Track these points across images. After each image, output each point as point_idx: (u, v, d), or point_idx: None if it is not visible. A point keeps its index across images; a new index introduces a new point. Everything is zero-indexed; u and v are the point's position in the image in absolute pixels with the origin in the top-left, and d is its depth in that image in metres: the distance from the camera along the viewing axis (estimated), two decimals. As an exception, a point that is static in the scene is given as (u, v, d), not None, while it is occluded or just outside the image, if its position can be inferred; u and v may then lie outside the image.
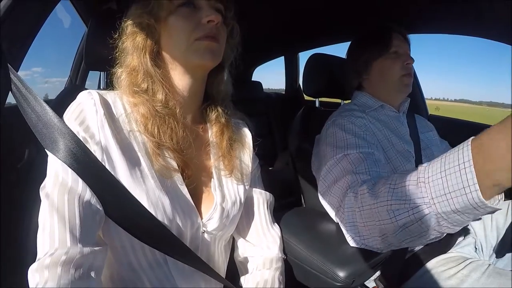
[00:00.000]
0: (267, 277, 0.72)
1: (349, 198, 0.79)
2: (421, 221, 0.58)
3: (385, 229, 0.66)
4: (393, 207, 0.63)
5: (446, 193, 0.52)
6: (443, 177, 0.53)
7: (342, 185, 0.86)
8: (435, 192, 0.55)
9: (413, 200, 0.59)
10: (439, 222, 0.56)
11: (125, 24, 0.65)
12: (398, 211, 0.62)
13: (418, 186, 0.58)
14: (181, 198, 0.63)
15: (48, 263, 0.47)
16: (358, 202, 0.75)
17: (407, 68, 1.08)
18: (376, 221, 0.68)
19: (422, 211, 0.57)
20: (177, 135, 0.63)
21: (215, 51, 0.64)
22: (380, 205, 0.66)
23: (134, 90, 0.63)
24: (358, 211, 0.74)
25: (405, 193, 0.61)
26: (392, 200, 0.63)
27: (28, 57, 0.72)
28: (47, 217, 0.51)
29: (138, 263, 0.61)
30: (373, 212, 0.69)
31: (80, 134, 0.55)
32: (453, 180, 0.51)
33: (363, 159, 0.88)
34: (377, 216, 0.67)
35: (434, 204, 0.55)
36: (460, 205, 0.51)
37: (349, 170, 0.87)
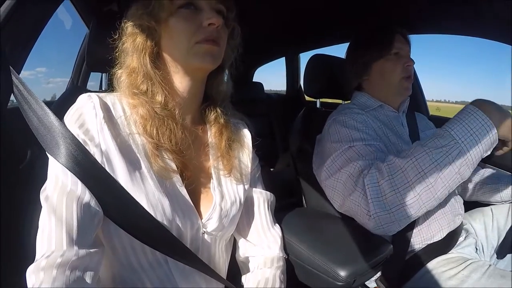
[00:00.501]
0: (268, 276, 0.72)
1: (371, 175, 0.81)
2: (454, 162, 0.72)
3: (426, 179, 0.74)
4: (434, 153, 0.73)
5: (469, 131, 0.71)
6: (462, 123, 0.73)
7: (350, 170, 0.87)
8: (460, 133, 0.72)
9: (446, 146, 0.73)
10: (465, 160, 0.71)
11: (125, 25, 0.65)
12: (438, 155, 0.73)
13: (445, 134, 0.74)
14: (180, 199, 0.63)
15: (44, 265, 0.47)
16: (384, 173, 0.79)
17: (408, 70, 1.08)
18: (414, 176, 0.75)
19: (455, 150, 0.72)
20: (176, 136, 0.63)
21: (215, 55, 0.64)
22: (419, 157, 0.75)
23: (134, 92, 0.63)
24: (387, 180, 0.78)
25: (435, 144, 0.74)
26: (430, 149, 0.74)
27: (32, 57, 0.72)
28: (46, 219, 0.51)
29: (139, 263, 0.62)
30: (409, 169, 0.76)
31: (80, 137, 0.56)
32: (472, 122, 0.72)
33: (371, 150, 0.89)
34: (417, 169, 0.75)
35: (462, 142, 0.71)
36: (482, 137, 0.71)
37: (356, 158, 0.88)
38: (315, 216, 0.99)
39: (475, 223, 1.11)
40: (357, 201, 0.83)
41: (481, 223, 1.10)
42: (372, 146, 0.91)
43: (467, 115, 0.73)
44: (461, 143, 0.71)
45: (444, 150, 0.72)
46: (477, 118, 0.72)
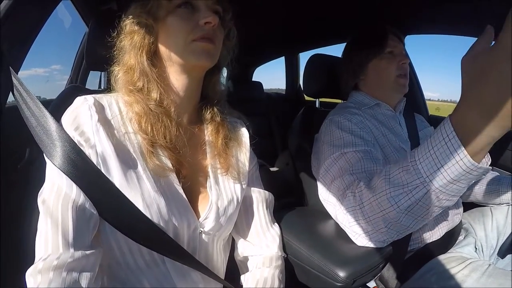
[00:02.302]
0: (266, 275, 0.72)
1: (348, 199, 0.80)
2: (421, 201, 0.61)
3: (389, 218, 0.68)
4: (392, 195, 0.65)
5: (439, 168, 0.56)
6: (432, 154, 0.56)
7: (339, 185, 0.87)
8: (428, 170, 0.58)
9: (409, 183, 0.61)
10: (438, 197, 0.59)
11: (123, 23, 0.66)
12: (398, 197, 0.64)
13: (411, 169, 0.61)
14: (176, 198, 0.63)
15: (41, 267, 0.48)
16: (357, 200, 0.76)
17: (403, 68, 1.09)
18: (378, 212, 0.70)
19: (420, 190, 0.60)
20: (170, 133, 0.63)
21: (211, 53, 0.65)
22: (379, 196, 0.69)
23: (130, 89, 0.64)
24: (359, 209, 0.76)
25: (400, 179, 0.64)
26: (390, 188, 0.66)
27: (48, 55, 0.73)
28: (43, 223, 0.52)
29: (136, 263, 0.62)
30: (373, 205, 0.71)
31: (76, 139, 0.56)
32: (442, 154, 0.55)
33: (359, 158, 0.89)
34: (378, 208, 0.69)
35: (430, 181, 0.58)
36: (454, 174, 0.54)
37: (346, 169, 0.88)
38: (315, 216, 0.99)
39: (474, 222, 1.11)
40: (342, 220, 0.83)
41: (480, 223, 1.10)
42: (362, 151, 0.91)
43: (437, 140, 0.55)
44: (428, 182, 0.58)
45: (406, 190, 0.62)
46: (448, 145, 0.53)
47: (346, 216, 0.80)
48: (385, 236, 0.74)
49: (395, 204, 0.65)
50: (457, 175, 0.54)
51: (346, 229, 0.82)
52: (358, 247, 0.80)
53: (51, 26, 0.77)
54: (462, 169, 0.53)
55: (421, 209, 0.63)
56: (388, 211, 0.67)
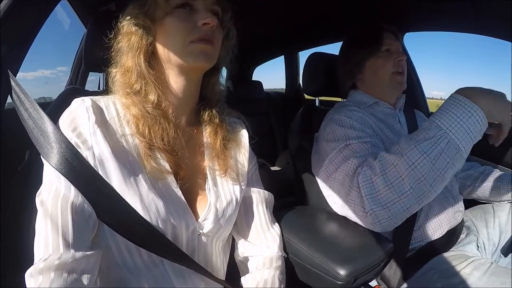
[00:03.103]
0: (267, 277, 0.72)
1: (364, 173, 0.81)
2: (444, 151, 0.70)
3: (418, 172, 0.73)
4: (421, 145, 0.72)
5: (456, 119, 0.70)
6: (448, 112, 0.71)
7: (346, 168, 0.87)
8: (447, 123, 0.70)
9: (434, 136, 0.71)
10: (457, 148, 0.70)
11: (121, 24, 0.66)
12: (426, 147, 0.72)
13: (432, 127, 0.73)
14: (175, 200, 0.63)
15: (42, 267, 0.48)
16: (377, 170, 0.79)
17: (399, 65, 1.09)
18: (406, 169, 0.74)
19: (444, 140, 0.70)
20: (168, 135, 0.63)
21: (209, 54, 0.64)
22: (408, 151, 0.74)
23: (127, 92, 0.63)
24: (380, 177, 0.77)
25: (424, 136, 0.73)
26: (417, 143, 0.73)
27: (54, 57, 0.73)
28: (42, 224, 0.52)
29: (134, 264, 0.62)
30: (400, 165, 0.75)
31: (73, 140, 0.56)
32: (457, 110, 0.70)
33: (366, 147, 0.89)
34: (407, 163, 0.74)
35: (450, 131, 0.70)
36: (469, 123, 0.69)
37: (352, 156, 0.88)
38: (315, 215, 0.99)
39: (476, 220, 1.10)
40: (354, 200, 0.84)
41: (482, 220, 1.09)
42: (368, 143, 0.91)
43: (452, 104, 0.71)
44: (448, 132, 0.70)
45: (432, 141, 0.71)
46: (462, 105, 0.70)
47: (359, 194, 0.81)
48: (405, 205, 0.76)
49: (424, 154, 0.72)
50: (471, 125, 0.69)
51: (356, 210, 0.83)
52: (359, 246, 0.80)
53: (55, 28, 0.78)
54: (475, 118, 0.68)
55: (444, 162, 0.71)
56: (418, 163, 0.72)
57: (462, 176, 1.22)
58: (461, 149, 0.70)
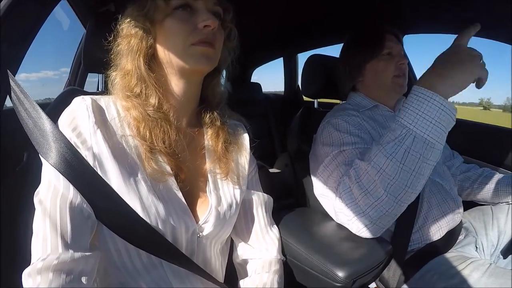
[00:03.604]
0: (265, 281, 0.71)
1: (344, 182, 0.82)
2: (412, 149, 0.69)
3: (387, 175, 0.72)
4: (386, 148, 0.72)
5: (418, 114, 0.68)
6: (410, 107, 0.70)
7: (336, 176, 0.88)
8: (409, 119, 0.69)
9: (398, 136, 0.70)
10: (425, 142, 0.68)
11: (120, 27, 0.65)
12: (390, 149, 0.71)
13: (395, 126, 0.72)
14: (175, 202, 0.63)
15: (40, 267, 0.47)
16: (353, 178, 0.80)
17: (400, 68, 1.09)
18: (375, 175, 0.74)
19: (408, 137, 0.69)
20: (169, 138, 0.62)
21: (210, 57, 0.63)
22: (374, 157, 0.75)
23: (127, 95, 0.63)
24: (355, 184, 0.78)
25: (389, 137, 0.72)
26: (383, 145, 0.73)
27: (58, 58, 0.72)
28: (40, 223, 0.51)
29: (133, 266, 0.61)
30: (370, 171, 0.75)
31: (72, 140, 0.56)
32: (418, 105, 0.68)
33: (357, 154, 0.89)
34: (375, 169, 0.74)
35: (414, 127, 0.68)
36: (431, 112, 0.66)
37: (343, 163, 0.89)
38: (314, 217, 0.99)
39: (474, 221, 1.11)
40: (340, 208, 0.84)
41: (481, 222, 1.09)
42: (361, 149, 0.91)
43: (412, 98, 0.70)
44: (413, 128, 0.68)
45: (396, 141, 0.70)
46: (420, 96, 0.68)
47: (342, 202, 0.81)
48: (383, 209, 0.75)
49: (390, 156, 0.71)
50: (433, 113, 0.66)
51: (344, 218, 0.84)
52: (358, 248, 0.79)
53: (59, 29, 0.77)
54: (436, 106, 0.66)
55: (414, 159, 0.69)
56: (385, 166, 0.72)
57: (461, 178, 1.22)
58: (431, 141, 0.67)
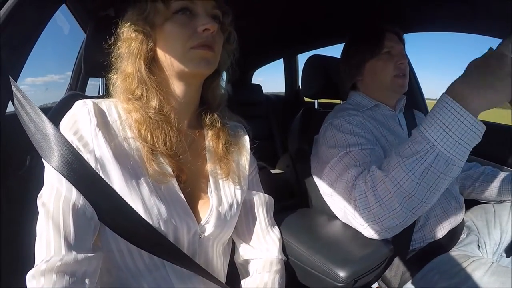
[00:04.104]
0: (266, 280, 0.72)
1: (359, 187, 0.81)
2: (433, 166, 0.66)
3: (404, 190, 0.70)
4: (406, 163, 0.69)
5: (445, 130, 0.63)
6: (437, 120, 0.65)
7: (347, 178, 0.87)
8: (435, 134, 0.65)
9: (420, 151, 0.67)
10: (447, 161, 0.65)
11: (120, 30, 0.65)
12: (411, 164, 0.68)
13: (419, 138, 0.68)
14: (177, 203, 0.63)
15: (44, 269, 0.48)
16: (369, 185, 0.78)
17: (400, 68, 1.08)
18: (393, 188, 0.72)
19: (431, 154, 0.65)
20: (171, 140, 0.63)
21: (210, 60, 0.64)
22: (393, 169, 0.72)
23: (128, 97, 0.63)
24: (371, 193, 0.77)
25: (411, 150, 0.69)
26: (403, 159, 0.70)
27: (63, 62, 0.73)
28: (44, 225, 0.52)
29: (136, 266, 0.62)
30: (387, 182, 0.73)
31: (74, 143, 0.56)
32: (447, 119, 0.63)
33: (366, 155, 0.89)
34: (392, 182, 0.72)
35: (439, 144, 0.64)
36: (459, 131, 0.62)
37: (352, 164, 0.88)
38: (315, 217, 0.99)
39: (477, 220, 1.10)
40: (352, 211, 0.84)
41: (483, 220, 1.09)
42: (368, 150, 0.91)
43: (440, 110, 0.65)
44: (437, 144, 0.64)
45: (418, 157, 0.67)
46: (450, 110, 0.63)
47: (357, 205, 0.81)
48: (397, 220, 0.75)
49: (409, 172, 0.68)
50: (461, 133, 0.62)
51: (355, 221, 0.83)
52: (359, 248, 0.80)
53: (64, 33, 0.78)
54: (466, 126, 0.62)
55: (433, 176, 0.67)
56: (403, 182, 0.70)
57: (462, 176, 1.22)
58: (453, 160, 0.64)
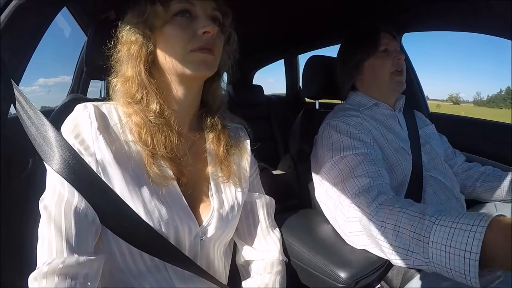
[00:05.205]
0: (267, 281, 0.72)
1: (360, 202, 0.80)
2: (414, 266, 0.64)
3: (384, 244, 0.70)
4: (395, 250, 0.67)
5: (446, 246, 0.55)
6: (452, 228, 0.56)
7: (342, 188, 0.87)
8: (436, 259, 0.57)
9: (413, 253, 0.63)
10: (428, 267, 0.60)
11: (120, 33, 0.65)
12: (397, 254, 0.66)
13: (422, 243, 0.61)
14: (178, 206, 0.63)
15: (45, 271, 0.48)
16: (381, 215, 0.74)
17: (398, 64, 1.09)
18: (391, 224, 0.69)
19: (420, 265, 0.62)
20: (171, 143, 0.63)
21: (210, 63, 0.64)
22: (387, 227, 0.69)
23: (128, 101, 0.63)
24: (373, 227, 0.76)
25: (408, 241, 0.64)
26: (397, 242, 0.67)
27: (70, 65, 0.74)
28: (46, 228, 0.52)
29: (137, 268, 0.62)
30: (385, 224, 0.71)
31: (76, 147, 0.57)
32: (459, 238, 0.54)
33: (360, 162, 0.89)
34: (391, 226, 0.69)
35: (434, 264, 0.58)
36: (453, 264, 0.54)
37: (347, 174, 0.88)
38: (317, 218, 0.99)
39: None
40: (342, 221, 0.84)
41: None
42: (363, 155, 0.91)
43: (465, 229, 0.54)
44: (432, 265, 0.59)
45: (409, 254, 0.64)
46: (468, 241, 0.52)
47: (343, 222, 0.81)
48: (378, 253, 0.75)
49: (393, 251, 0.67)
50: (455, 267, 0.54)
51: (344, 230, 0.83)
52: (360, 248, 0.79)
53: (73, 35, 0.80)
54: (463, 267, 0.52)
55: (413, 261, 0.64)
56: (387, 242, 0.69)
57: (463, 176, 1.21)
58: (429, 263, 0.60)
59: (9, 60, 0.65)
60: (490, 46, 78.61)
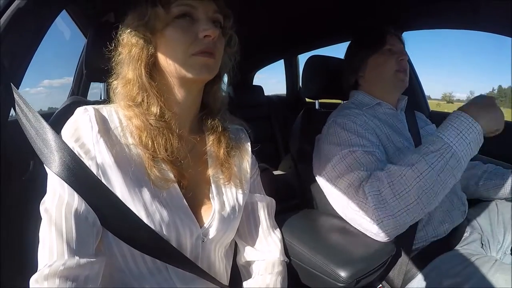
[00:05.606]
0: (268, 282, 0.72)
1: (371, 184, 0.83)
2: (449, 163, 0.76)
3: (424, 183, 0.77)
4: (427, 159, 0.78)
5: (458, 134, 0.77)
6: (451, 126, 0.79)
7: (350, 178, 0.88)
8: (451, 136, 0.78)
9: (439, 149, 0.78)
10: (458, 160, 0.77)
11: (121, 36, 0.65)
12: (432, 159, 0.77)
13: (437, 140, 0.79)
14: (179, 208, 0.63)
15: (46, 273, 0.48)
16: (384, 180, 0.82)
17: (401, 63, 1.10)
18: (413, 180, 0.78)
19: (448, 152, 0.77)
20: (172, 146, 0.63)
21: (211, 67, 0.64)
22: (415, 162, 0.79)
23: (128, 104, 0.63)
24: (387, 188, 0.80)
25: (429, 149, 0.79)
26: (424, 155, 0.79)
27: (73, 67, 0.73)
28: (46, 231, 0.52)
29: (139, 270, 0.62)
30: (409, 175, 0.79)
31: (76, 150, 0.57)
32: (460, 125, 0.78)
33: (370, 160, 0.90)
34: (415, 174, 0.78)
35: (454, 145, 0.77)
36: (471, 137, 0.77)
37: (356, 167, 0.89)
38: (317, 218, 0.99)
39: (480, 218, 1.10)
40: (358, 210, 0.84)
41: (486, 218, 1.09)
42: (371, 153, 0.92)
43: (455, 119, 0.79)
44: (453, 145, 0.76)
45: (438, 153, 0.77)
46: (464, 121, 0.78)
47: (363, 205, 0.83)
48: (411, 216, 0.80)
49: (431, 165, 0.77)
50: (471, 138, 0.77)
51: (360, 219, 0.85)
52: (360, 248, 0.80)
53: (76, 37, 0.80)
54: (475, 133, 0.77)
55: (448, 173, 0.77)
56: (426, 174, 0.77)
57: (465, 175, 1.21)
58: (461, 160, 0.77)
59: (9, 64, 0.65)
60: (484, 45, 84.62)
